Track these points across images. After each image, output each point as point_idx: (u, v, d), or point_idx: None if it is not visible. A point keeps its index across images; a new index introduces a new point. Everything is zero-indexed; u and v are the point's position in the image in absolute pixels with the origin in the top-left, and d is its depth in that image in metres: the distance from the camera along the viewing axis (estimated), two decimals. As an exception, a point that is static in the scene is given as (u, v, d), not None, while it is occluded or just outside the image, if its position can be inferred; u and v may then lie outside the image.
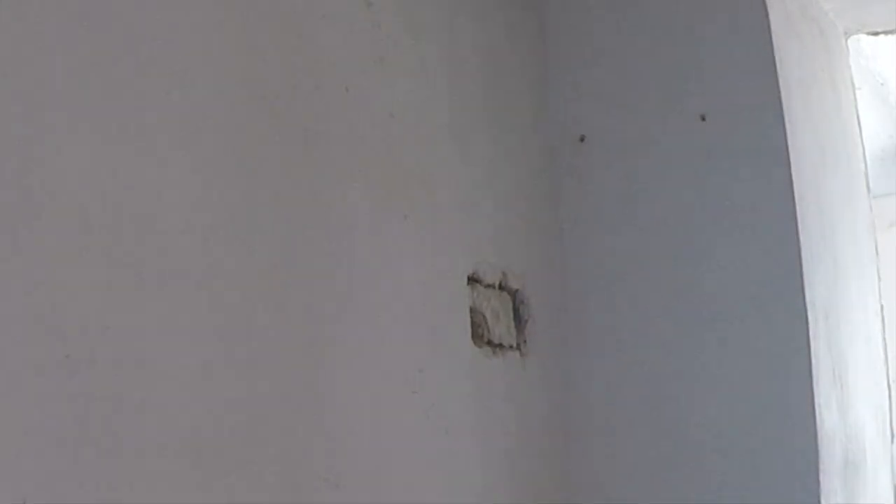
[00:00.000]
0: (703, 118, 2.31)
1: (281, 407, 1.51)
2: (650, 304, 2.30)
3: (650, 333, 2.29)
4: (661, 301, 2.29)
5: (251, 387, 1.46)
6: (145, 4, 1.38)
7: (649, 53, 2.37)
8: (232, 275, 1.46)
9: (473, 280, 2.06)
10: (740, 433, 2.20)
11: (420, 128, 1.95)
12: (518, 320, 2.21)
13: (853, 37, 3.02)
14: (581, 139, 2.40)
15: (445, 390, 1.91)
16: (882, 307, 2.88)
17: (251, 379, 1.46)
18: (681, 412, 2.25)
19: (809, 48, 2.61)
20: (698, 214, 2.29)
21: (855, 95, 3.01)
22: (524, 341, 2.21)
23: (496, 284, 2.14)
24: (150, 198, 1.34)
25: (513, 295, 2.21)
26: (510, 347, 2.16)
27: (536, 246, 2.30)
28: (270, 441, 1.48)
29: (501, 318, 2.15)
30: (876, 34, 3.05)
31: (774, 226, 2.23)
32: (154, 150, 1.36)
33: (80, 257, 1.24)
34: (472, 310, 2.05)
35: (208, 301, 1.41)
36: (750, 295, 2.23)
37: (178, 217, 1.38)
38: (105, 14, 1.32)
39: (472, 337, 2.03)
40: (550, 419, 2.26)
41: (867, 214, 2.92)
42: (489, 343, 2.09)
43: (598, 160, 2.38)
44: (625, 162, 2.36)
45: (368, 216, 1.76)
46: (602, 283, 2.34)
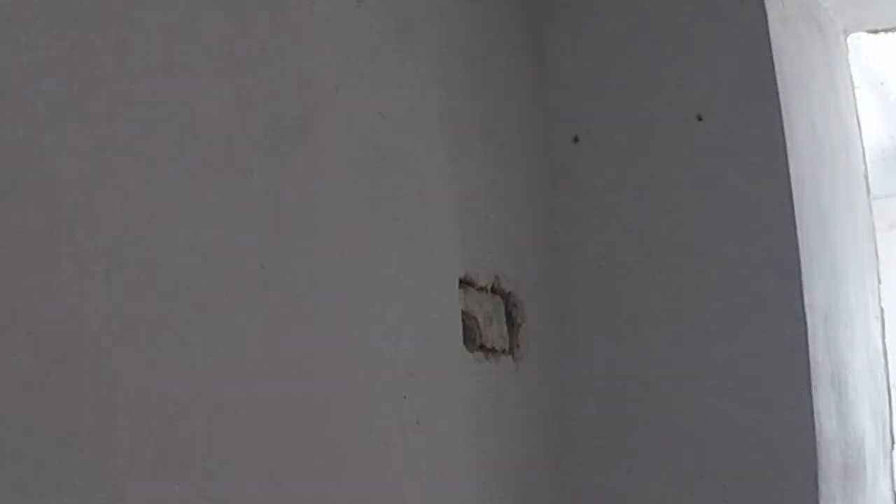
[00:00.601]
0: (700, 118, 2.31)
1: (268, 412, 1.52)
2: (646, 308, 2.30)
3: (646, 338, 2.30)
4: (657, 305, 2.30)
5: (239, 392, 1.47)
6: (134, 3, 1.39)
7: (644, 52, 2.37)
8: (220, 277, 1.46)
9: (465, 283, 2.07)
10: (737, 439, 2.20)
11: (411, 128, 1.96)
12: (511, 324, 2.22)
13: (852, 35, 3.03)
14: (575, 139, 2.40)
15: (436, 396, 1.92)
16: (882, 311, 2.89)
17: (239, 384, 1.47)
18: (677, 419, 2.25)
19: (808, 46, 2.62)
20: (694, 216, 2.29)
21: (854, 95, 3.02)
22: (517, 346, 2.21)
23: (488, 287, 2.15)
24: (139, 198, 1.35)
25: (505, 298, 2.21)
26: (503, 352, 2.17)
27: (530, 248, 2.31)
28: (258, 447, 1.49)
29: (494, 322, 2.16)
30: (876, 32, 3.07)
31: (772, 228, 2.24)
32: (143, 150, 1.37)
33: (68, 259, 1.24)
34: (464, 313, 2.05)
35: (196, 303, 1.42)
36: (747, 298, 2.24)
37: (167, 217, 1.39)
38: (95, 13, 1.32)
39: (464, 341, 2.04)
40: (544, 425, 2.26)
41: (867, 216, 2.93)
42: (481, 348, 2.09)
43: (593, 161, 2.39)
44: (620, 163, 2.37)
45: (358, 217, 1.77)
46: (597, 287, 2.35)
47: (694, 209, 2.30)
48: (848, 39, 3.02)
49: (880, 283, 2.92)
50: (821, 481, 2.15)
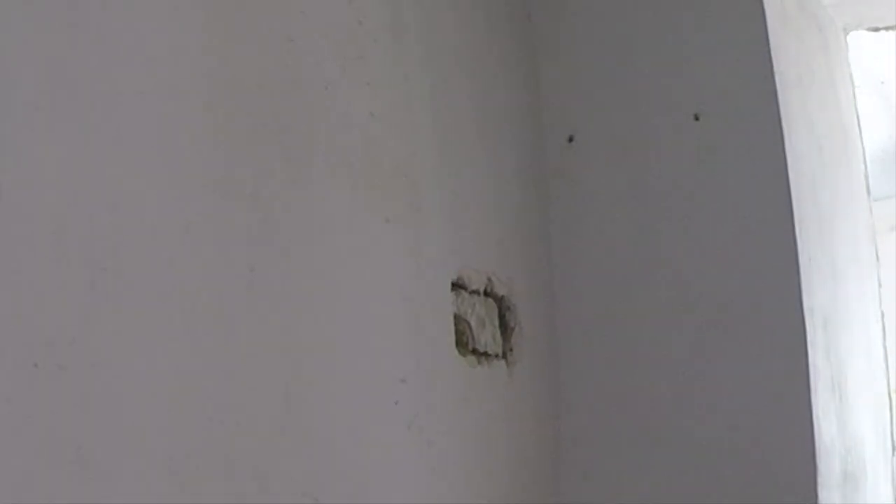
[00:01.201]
0: (697, 118, 2.32)
1: (258, 419, 1.52)
2: (642, 311, 2.31)
3: (642, 341, 2.30)
4: (653, 308, 2.30)
5: (227, 398, 1.47)
6: (119, 1, 1.39)
7: (640, 50, 2.38)
8: (208, 280, 1.47)
9: (458, 286, 2.07)
10: (735, 445, 2.21)
11: (402, 128, 1.96)
12: (504, 328, 2.22)
13: (853, 33, 3.04)
14: (570, 139, 2.41)
15: (428, 401, 1.92)
16: (883, 314, 2.90)
17: (227, 390, 1.47)
18: (674, 425, 2.26)
19: (807, 45, 2.63)
20: (691, 218, 2.30)
21: (854, 94, 3.02)
22: (511, 350, 2.22)
23: (481, 290, 2.15)
24: (125, 201, 1.35)
25: (499, 301, 2.22)
26: (496, 356, 2.17)
27: (524, 250, 2.31)
28: (247, 455, 1.49)
29: (487, 326, 2.16)
30: (877, 30, 3.07)
31: (771, 230, 2.24)
32: (129, 152, 1.37)
33: (51, 262, 1.25)
34: (457, 317, 2.06)
35: (183, 308, 1.42)
36: (745, 301, 2.24)
37: (154, 221, 1.39)
38: (78, 12, 1.33)
39: (457, 345, 2.04)
40: (538, 431, 2.27)
41: (867, 218, 2.93)
42: (474, 352, 2.10)
43: (588, 161, 2.39)
44: (615, 163, 2.37)
45: (349, 219, 1.77)
46: (592, 289, 2.35)
47: (691, 211, 2.30)
48: (848, 38, 3.02)
49: (881, 286, 2.93)
50: (820, 488, 2.15)
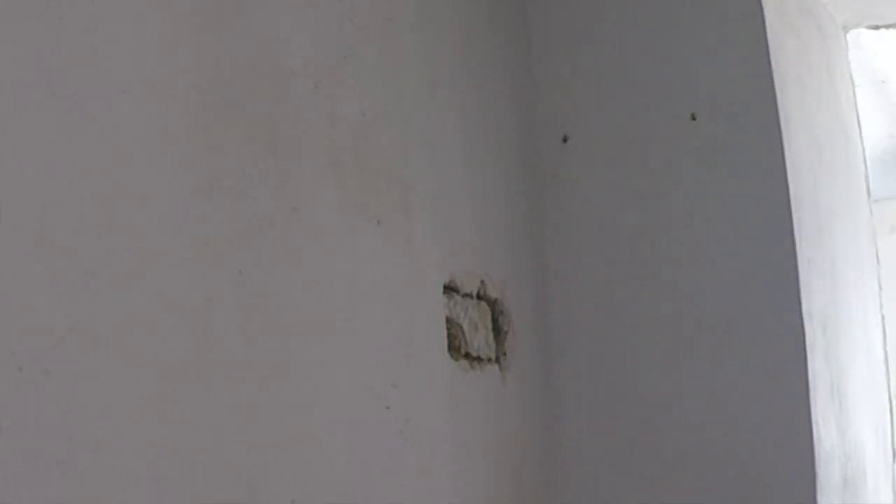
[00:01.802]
0: (694, 118, 2.32)
1: (245, 424, 1.52)
2: (637, 315, 2.31)
3: (638, 345, 2.30)
4: (649, 311, 2.30)
5: (214, 403, 1.47)
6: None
7: (636, 48, 2.38)
8: (196, 283, 1.47)
9: (450, 289, 2.07)
10: (733, 451, 2.21)
11: (394, 127, 1.96)
12: (497, 332, 2.23)
13: (853, 31, 3.05)
14: (564, 140, 2.41)
15: (420, 406, 1.92)
16: (883, 317, 2.91)
17: (214, 395, 1.48)
18: (671, 429, 2.26)
19: (806, 43, 2.63)
20: (688, 220, 2.30)
21: (854, 93, 3.04)
22: (504, 354, 2.22)
23: (474, 294, 2.16)
24: (110, 203, 1.36)
25: (492, 305, 2.22)
26: (489, 360, 2.17)
27: (517, 253, 2.31)
28: (235, 460, 1.49)
29: (480, 330, 2.16)
30: (877, 28, 3.08)
31: (769, 231, 2.25)
32: (114, 153, 1.37)
33: (35, 264, 1.25)
34: (449, 320, 2.06)
35: (169, 312, 1.42)
36: (743, 305, 2.24)
37: (139, 223, 1.39)
38: (63, 10, 1.33)
39: (449, 349, 2.04)
40: (531, 436, 2.27)
41: (867, 219, 2.94)
42: (467, 356, 2.10)
43: (583, 162, 2.40)
44: (611, 164, 2.37)
45: (339, 221, 1.78)
46: (587, 293, 2.35)
47: (687, 213, 2.30)
48: (848, 36, 3.03)
49: (881, 289, 2.93)
50: (820, 494, 2.16)
